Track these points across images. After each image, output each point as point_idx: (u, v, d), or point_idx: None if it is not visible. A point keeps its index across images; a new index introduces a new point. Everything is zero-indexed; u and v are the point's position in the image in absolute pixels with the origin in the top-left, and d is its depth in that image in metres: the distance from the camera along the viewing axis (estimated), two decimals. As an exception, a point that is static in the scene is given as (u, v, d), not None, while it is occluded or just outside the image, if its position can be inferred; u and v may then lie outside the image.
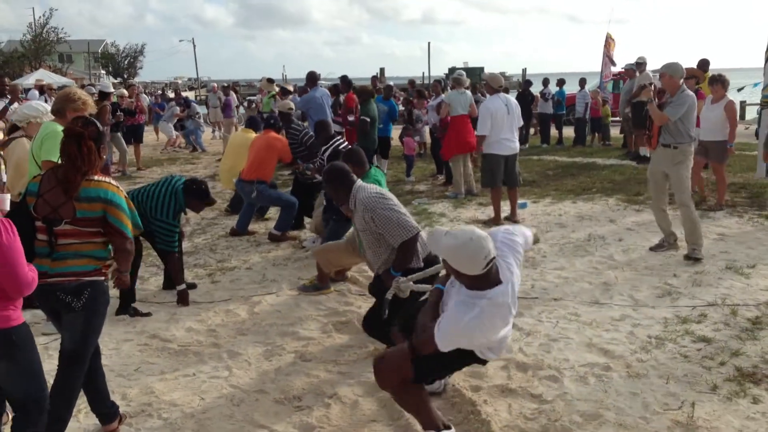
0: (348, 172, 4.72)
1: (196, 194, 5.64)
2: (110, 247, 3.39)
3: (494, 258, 3.02)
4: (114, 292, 4.35)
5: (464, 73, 11.23)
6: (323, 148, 7.42)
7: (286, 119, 8.77)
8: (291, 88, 12.92)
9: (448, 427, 3.41)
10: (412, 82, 18.35)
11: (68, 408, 3.38)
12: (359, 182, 4.66)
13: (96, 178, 3.27)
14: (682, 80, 6.40)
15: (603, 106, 16.43)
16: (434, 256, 4.37)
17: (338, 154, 7.05)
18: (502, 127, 8.15)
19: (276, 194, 8.04)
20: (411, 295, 4.06)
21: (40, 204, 3.23)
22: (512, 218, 8.37)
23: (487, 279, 3.05)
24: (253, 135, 9.12)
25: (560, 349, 4.57)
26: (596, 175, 11.77)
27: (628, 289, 5.74)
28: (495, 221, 8.25)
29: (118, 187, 3.34)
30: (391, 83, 18.39)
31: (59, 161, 3.35)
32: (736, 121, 8.80)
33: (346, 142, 7.66)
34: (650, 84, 7.04)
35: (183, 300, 5.60)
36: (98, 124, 3.43)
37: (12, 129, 5.83)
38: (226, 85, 23.70)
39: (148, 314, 5.40)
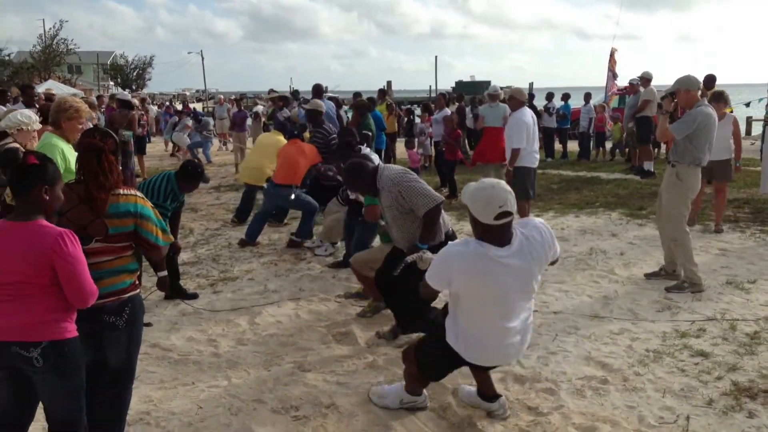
0: (365, 163, 4.98)
1: (189, 175, 5.66)
2: (139, 256, 3.35)
3: (510, 214, 3.17)
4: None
5: (498, 87, 11.44)
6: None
7: (315, 119, 8.70)
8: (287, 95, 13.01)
9: (421, 394, 3.87)
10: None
11: (122, 425, 3.43)
12: (381, 164, 5.00)
13: (123, 192, 3.18)
14: (699, 92, 6.03)
15: (615, 124, 16.39)
16: (453, 235, 4.78)
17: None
18: (533, 140, 8.16)
19: (306, 199, 8.17)
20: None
21: (64, 223, 3.08)
22: None
23: (497, 236, 3.21)
24: (282, 138, 9.24)
25: (558, 362, 4.58)
26: (600, 189, 11.79)
27: (628, 303, 5.75)
28: None
29: (144, 198, 3.28)
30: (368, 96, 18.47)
31: (75, 176, 3.26)
32: (740, 138, 8.61)
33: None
34: (670, 96, 6.30)
35: (161, 286, 4.61)
36: (115, 136, 3.33)
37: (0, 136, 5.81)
38: (238, 98, 23.79)
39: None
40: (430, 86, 54.54)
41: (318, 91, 10.34)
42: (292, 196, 7.97)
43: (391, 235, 4.98)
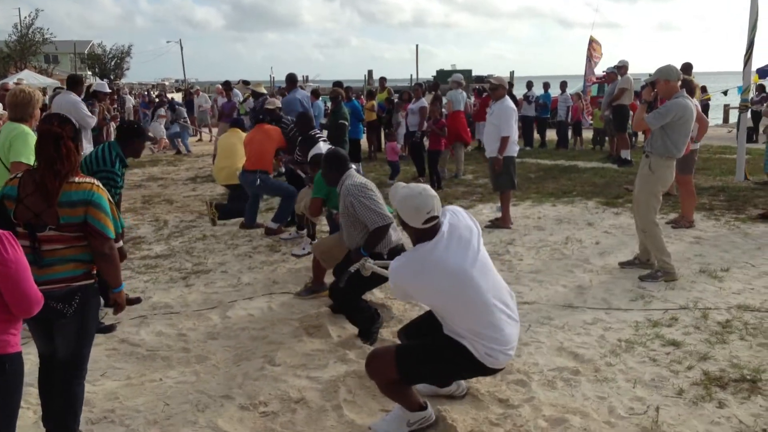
0: (346, 160, 5.30)
1: (127, 134, 5.28)
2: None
3: (437, 218, 3.30)
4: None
5: (461, 75, 13.90)
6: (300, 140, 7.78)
7: (274, 116, 8.87)
8: (263, 90, 12.89)
9: (426, 407, 3.62)
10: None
11: (75, 419, 3.33)
12: (351, 171, 5.24)
13: (77, 180, 3.10)
14: (679, 83, 5.96)
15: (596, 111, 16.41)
16: (399, 249, 4.97)
17: (314, 143, 7.48)
18: (515, 129, 8.17)
19: (278, 183, 8.24)
20: (370, 276, 4.42)
21: (21, 209, 3.04)
22: (508, 222, 8.25)
23: (428, 234, 3.31)
24: (240, 133, 9.18)
25: (530, 353, 4.56)
26: (577, 178, 11.79)
27: (602, 292, 5.74)
28: (505, 223, 8.17)
29: (99, 186, 3.16)
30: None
31: (34, 163, 3.18)
32: (705, 121, 8.20)
33: (325, 137, 7.69)
34: (650, 86, 6.26)
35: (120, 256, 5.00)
36: (74, 122, 3.23)
37: None
38: (225, 86, 23.24)
39: (111, 328, 5.19)
40: (411, 75, 54.32)
41: (292, 80, 10.24)
42: (258, 182, 7.94)
43: (341, 232, 5.30)
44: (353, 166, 5.47)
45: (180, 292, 6.11)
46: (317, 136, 7.77)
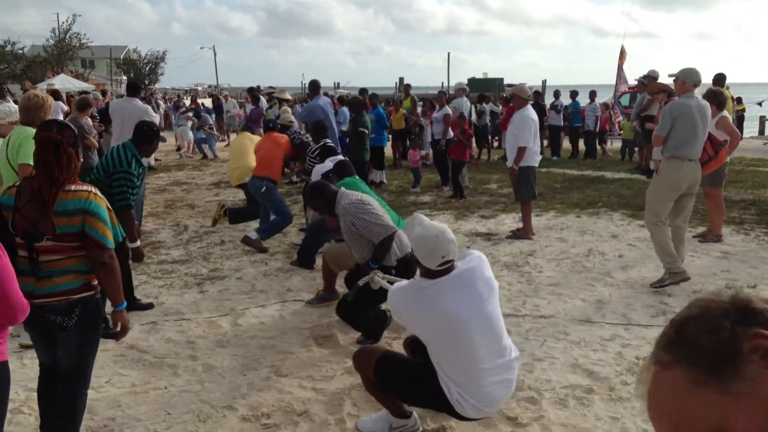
0: (327, 186, 5.25)
1: (145, 135, 5.35)
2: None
3: (452, 262, 3.20)
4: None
5: (464, 83, 14.79)
6: (312, 148, 7.95)
7: (284, 130, 9.05)
8: (288, 96, 12.95)
9: (409, 416, 3.57)
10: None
11: (75, 429, 3.27)
12: (342, 190, 5.17)
13: (74, 188, 3.00)
14: (695, 88, 5.93)
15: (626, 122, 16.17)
16: (408, 258, 4.88)
17: (327, 151, 7.70)
18: (536, 139, 8.05)
19: (280, 200, 8.07)
20: (379, 290, 4.47)
21: (18, 219, 2.96)
22: (529, 232, 8.11)
23: (437, 277, 3.22)
24: (250, 135, 9.30)
25: (543, 369, 4.42)
26: (604, 189, 11.57)
27: (622, 307, 5.57)
28: (526, 234, 8.04)
29: (97, 195, 3.07)
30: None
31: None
32: (736, 134, 7.79)
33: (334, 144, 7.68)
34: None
35: (137, 257, 5.38)
36: (74, 128, 3.16)
37: None
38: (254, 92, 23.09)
39: (113, 334, 5.12)
40: (443, 83, 54.21)
41: (315, 87, 10.21)
42: (263, 188, 7.81)
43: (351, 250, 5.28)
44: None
45: (193, 298, 6.07)
46: (328, 145, 7.85)
